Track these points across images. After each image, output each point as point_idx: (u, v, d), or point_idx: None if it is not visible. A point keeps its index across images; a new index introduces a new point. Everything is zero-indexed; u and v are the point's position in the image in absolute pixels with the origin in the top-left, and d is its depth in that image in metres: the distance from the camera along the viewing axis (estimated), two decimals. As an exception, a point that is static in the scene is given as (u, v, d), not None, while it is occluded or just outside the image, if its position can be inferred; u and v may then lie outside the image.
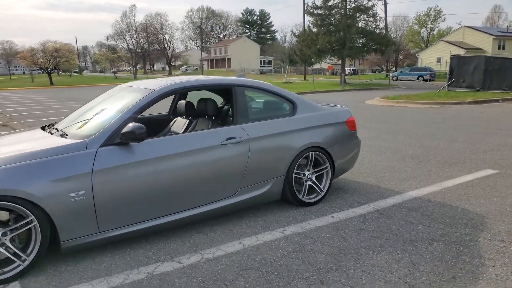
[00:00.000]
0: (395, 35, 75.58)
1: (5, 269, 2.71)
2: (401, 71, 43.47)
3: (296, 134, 4.00)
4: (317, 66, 73.63)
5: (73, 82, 45.29)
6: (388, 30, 39.74)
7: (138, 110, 3.24)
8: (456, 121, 10.49)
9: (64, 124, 3.69)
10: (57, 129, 3.51)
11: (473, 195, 4.45)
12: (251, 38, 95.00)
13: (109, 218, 2.99)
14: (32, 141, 3.28)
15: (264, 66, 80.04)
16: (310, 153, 4.10)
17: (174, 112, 4.73)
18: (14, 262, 2.74)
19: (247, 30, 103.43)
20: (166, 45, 72.62)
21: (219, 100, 4.63)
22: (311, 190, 4.21)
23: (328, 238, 3.39)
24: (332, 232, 3.51)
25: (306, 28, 33.51)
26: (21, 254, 2.75)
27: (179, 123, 4.32)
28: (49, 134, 3.43)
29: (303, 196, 4.11)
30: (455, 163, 5.95)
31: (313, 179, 4.22)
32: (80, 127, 3.40)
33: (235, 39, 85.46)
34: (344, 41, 29.34)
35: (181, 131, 4.12)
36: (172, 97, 4.75)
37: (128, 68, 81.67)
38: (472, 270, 2.83)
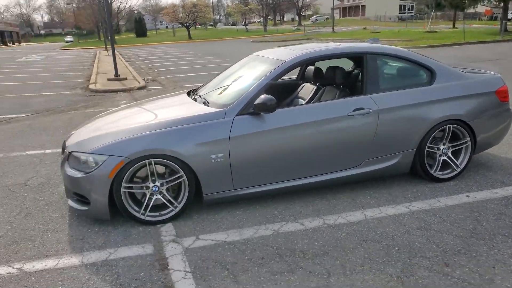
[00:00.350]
0: None
1: (163, 212, 3.33)
2: None
3: (432, 106, 3.72)
4: (470, 10, 63.72)
5: (208, 36, 48.50)
6: None
7: (270, 81, 3.43)
8: None
9: (205, 90, 4.12)
10: (200, 96, 3.95)
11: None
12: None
13: (242, 178, 3.35)
14: (181, 107, 3.79)
15: (404, 13, 72.80)
16: (447, 126, 3.79)
17: (302, 77, 4.81)
18: (168, 207, 3.33)
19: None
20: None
21: (348, 65, 4.53)
22: (445, 165, 3.94)
23: (460, 219, 3.20)
24: (465, 213, 3.29)
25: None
26: (173, 202, 3.32)
27: (307, 89, 4.40)
28: (193, 100, 3.89)
29: (435, 171, 3.88)
30: None
31: (449, 154, 3.92)
32: (218, 96, 3.77)
33: (371, -16, 78.88)
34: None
35: (308, 98, 4.21)
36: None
37: (259, 20, 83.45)
38: None
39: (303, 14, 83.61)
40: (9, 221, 3.46)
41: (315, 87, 4.26)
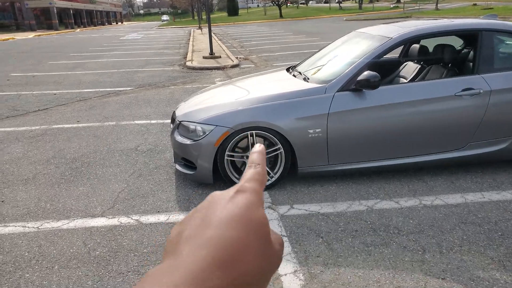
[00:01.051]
0: None
1: (259, 181, 3.57)
2: None
3: None
4: None
5: (300, 14, 47.90)
6: None
7: (374, 58, 3.41)
8: None
9: (304, 67, 4.23)
10: (300, 72, 4.07)
11: None
12: None
13: (338, 154, 3.43)
14: (280, 82, 3.95)
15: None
16: None
17: (405, 55, 4.66)
18: (265, 177, 3.56)
19: None
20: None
21: (457, 43, 4.27)
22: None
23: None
24: None
25: None
26: (270, 172, 3.54)
27: (410, 68, 4.27)
28: (292, 76, 4.03)
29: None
30: None
31: None
32: (319, 72, 3.86)
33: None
34: None
35: (411, 77, 4.09)
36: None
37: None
38: None
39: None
40: (125, 180, 3.99)
41: (419, 66, 4.11)
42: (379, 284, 2.31)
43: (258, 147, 0.40)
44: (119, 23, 76.59)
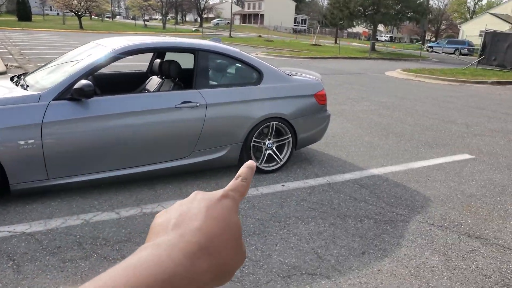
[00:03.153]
0: (438, 3, 71.22)
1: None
2: (437, 43, 41.39)
3: (258, 104, 4.07)
4: (355, 30, 71.08)
5: (102, 28, 45.63)
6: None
7: (92, 68, 3.38)
8: (466, 101, 10.13)
9: (33, 75, 3.89)
10: (23, 79, 3.72)
11: (433, 178, 4.46)
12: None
13: (59, 167, 3.23)
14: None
15: (298, 26, 77.78)
16: (271, 123, 4.18)
17: (151, 70, 4.85)
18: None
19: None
20: (198, -4, 71.25)
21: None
22: (270, 158, 4.33)
23: (267, 205, 3.55)
24: (274, 200, 3.66)
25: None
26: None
27: (153, 82, 4.46)
28: (14, 84, 3.64)
29: (260, 164, 4.24)
30: (436, 144, 5.88)
31: (274, 148, 4.33)
32: (40, 80, 3.60)
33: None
34: (378, 6, 28.00)
35: (153, 90, 4.27)
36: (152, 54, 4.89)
37: (160, 18, 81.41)
38: (384, 248, 2.95)
39: (205, 16, 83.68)
40: None
41: (160, 80, 4.33)
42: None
43: (251, 163, 0.46)
44: None
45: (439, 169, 4.80)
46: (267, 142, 4.27)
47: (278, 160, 4.35)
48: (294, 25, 76.70)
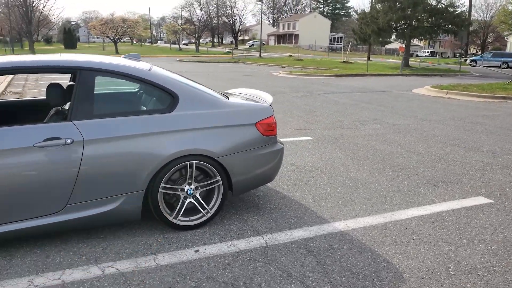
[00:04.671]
0: (484, 15, 67.51)
1: None
2: (481, 56, 38.51)
3: (167, 137, 3.04)
4: (393, 46, 68.66)
5: (137, 52, 46.88)
6: (472, 8, 34.84)
7: None
8: (501, 122, 8.50)
9: None
10: None
11: (421, 237, 3.17)
12: (324, 14, 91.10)
13: None
14: None
15: (334, 44, 76.59)
16: (189, 162, 3.12)
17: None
18: None
19: (320, 6, 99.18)
20: (233, 18, 72.28)
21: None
22: (193, 209, 3.26)
23: (156, 285, 2.47)
24: (166, 279, 2.56)
25: (371, 4, 30.68)
26: None
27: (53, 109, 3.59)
28: None
29: (176, 217, 3.18)
30: (444, 182, 4.53)
31: (198, 195, 3.26)
32: None
33: (305, 14, 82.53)
34: (410, 20, 26.31)
35: (46, 120, 3.38)
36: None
37: (203, 41, 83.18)
38: None
39: (241, 38, 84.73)
40: None
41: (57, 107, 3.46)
42: None
43: None
44: None
45: (435, 221, 3.49)
46: (186, 187, 3.21)
47: (204, 211, 3.26)
48: (330, 44, 75.52)
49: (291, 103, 10.77)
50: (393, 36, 29.37)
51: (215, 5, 69.72)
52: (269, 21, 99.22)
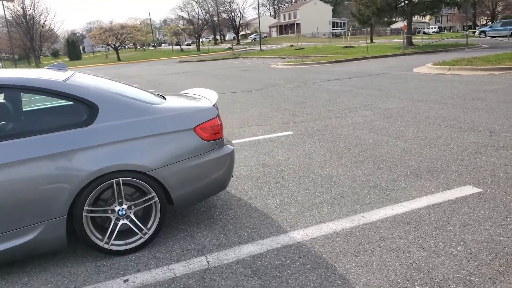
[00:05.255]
0: (490, -17, 65.29)
1: None
2: (490, 26, 37.01)
3: (86, 154, 2.67)
4: (398, 25, 67.00)
5: (139, 57, 46.88)
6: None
7: None
8: (505, 96, 7.87)
9: None
10: None
11: (390, 242, 2.72)
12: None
13: None
14: None
15: (337, 29, 75.19)
16: (115, 180, 2.74)
17: None
18: None
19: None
20: (233, 14, 71.69)
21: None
22: (129, 231, 2.89)
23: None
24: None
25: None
26: None
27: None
28: None
29: (108, 242, 2.81)
30: (430, 171, 4.05)
31: (132, 216, 2.89)
32: None
33: (305, 2, 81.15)
34: (409, -4, 25.36)
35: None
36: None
37: (202, 40, 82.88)
38: None
39: (242, 33, 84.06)
40: None
41: None
42: None
43: None
44: None
45: (410, 221, 3.04)
46: (117, 208, 2.84)
47: (141, 233, 2.89)
48: (333, 29, 74.12)
49: (281, 95, 10.31)
50: (394, 16, 28.34)
51: (213, 2, 69.11)
52: (270, 12, 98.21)
